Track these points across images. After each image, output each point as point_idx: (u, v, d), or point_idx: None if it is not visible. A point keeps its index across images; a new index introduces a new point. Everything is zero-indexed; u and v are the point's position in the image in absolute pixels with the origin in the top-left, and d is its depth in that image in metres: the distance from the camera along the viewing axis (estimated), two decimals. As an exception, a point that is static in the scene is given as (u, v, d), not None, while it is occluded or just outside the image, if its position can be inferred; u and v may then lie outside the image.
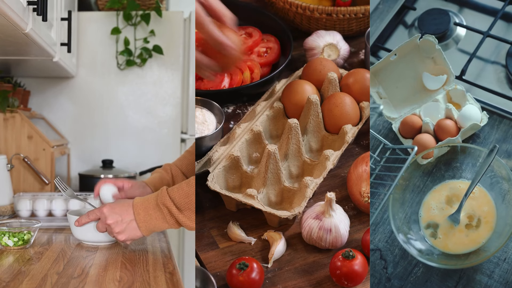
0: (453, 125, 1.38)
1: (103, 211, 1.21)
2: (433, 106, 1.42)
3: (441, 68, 1.42)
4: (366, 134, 1.46)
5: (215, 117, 1.46)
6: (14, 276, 1.03)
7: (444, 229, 1.25)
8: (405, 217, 1.26)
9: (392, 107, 1.45)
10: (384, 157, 1.38)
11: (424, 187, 1.31)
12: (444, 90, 1.42)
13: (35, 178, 1.90)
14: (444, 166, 1.31)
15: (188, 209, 1.16)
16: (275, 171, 1.30)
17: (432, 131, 1.39)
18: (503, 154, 1.35)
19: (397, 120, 1.44)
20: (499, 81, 1.46)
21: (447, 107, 1.40)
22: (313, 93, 1.46)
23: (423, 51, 1.42)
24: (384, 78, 1.45)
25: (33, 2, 1.25)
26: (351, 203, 1.33)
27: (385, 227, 1.31)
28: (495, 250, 1.15)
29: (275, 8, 1.73)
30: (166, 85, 2.36)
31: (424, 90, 1.44)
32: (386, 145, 1.38)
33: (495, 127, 1.40)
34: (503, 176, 1.22)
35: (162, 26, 2.32)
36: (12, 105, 1.95)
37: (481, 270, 1.21)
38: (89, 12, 2.36)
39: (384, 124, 1.47)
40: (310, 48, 1.62)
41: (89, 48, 2.33)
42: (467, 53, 1.52)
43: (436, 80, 1.43)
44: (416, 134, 1.40)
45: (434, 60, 1.42)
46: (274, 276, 1.19)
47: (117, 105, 2.36)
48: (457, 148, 1.29)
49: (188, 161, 1.49)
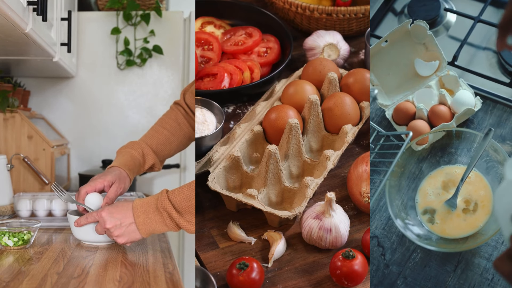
0: (447, 110, 1.38)
1: (101, 215, 1.20)
2: (426, 92, 1.42)
3: (433, 54, 1.41)
4: (366, 134, 1.46)
5: (215, 117, 1.46)
6: (14, 276, 1.03)
7: (441, 214, 1.26)
8: (401, 204, 1.27)
9: (384, 94, 1.45)
10: (378, 144, 1.37)
11: (419, 173, 1.31)
12: (436, 76, 1.42)
13: (35, 178, 1.90)
14: (439, 152, 1.32)
15: (189, 212, 1.16)
16: (275, 171, 1.30)
17: (426, 117, 1.39)
18: (498, 138, 1.35)
19: (390, 107, 1.43)
20: (491, 67, 1.46)
21: (441, 92, 1.39)
22: (313, 93, 1.46)
23: (414, 37, 1.41)
24: (376, 65, 1.44)
25: (33, 2, 1.25)
26: (351, 203, 1.33)
27: (381, 214, 1.31)
28: (492, 234, 1.15)
29: (275, 8, 1.73)
30: (166, 85, 2.36)
31: (417, 76, 1.44)
32: (380, 132, 1.38)
33: (488, 112, 1.40)
34: (499, 160, 1.23)
35: (162, 26, 2.32)
36: (12, 105, 1.95)
37: (480, 253, 1.22)
38: (89, 12, 2.36)
39: (377, 112, 1.47)
40: (310, 48, 1.62)
41: (89, 48, 2.33)
42: (458, 40, 1.51)
43: (428, 66, 1.42)
44: (410, 120, 1.40)
45: (426, 46, 1.41)
46: (274, 276, 1.19)
47: (117, 105, 2.36)
48: (452, 133, 1.29)
49: (158, 140, 1.44)
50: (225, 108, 1.55)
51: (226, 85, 1.53)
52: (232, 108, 1.55)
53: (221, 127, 1.42)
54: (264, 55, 1.62)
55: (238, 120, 1.51)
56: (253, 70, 1.57)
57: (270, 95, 1.54)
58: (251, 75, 1.56)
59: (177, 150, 1.50)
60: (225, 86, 1.53)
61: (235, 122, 1.52)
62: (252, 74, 1.56)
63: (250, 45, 1.61)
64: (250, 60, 1.59)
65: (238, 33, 1.66)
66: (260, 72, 1.58)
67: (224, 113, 1.48)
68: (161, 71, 2.35)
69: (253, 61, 1.58)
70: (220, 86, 1.52)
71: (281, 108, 1.41)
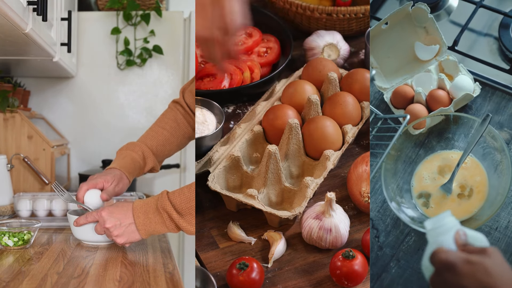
0: (445, 95, 1.37)
1: (101, 215, 1.20)
2: (426, 76, 1.42)
3: (434, 38, 1.41)
4: (366, 134, 1.46)
5: (215, 117, 1.46)
6: (14, 276, 1.03)
7: (436, 199, 1.26)
8: (397, 187, 1.27)
9: (383, 77, 1.44)
10: (376, 127, 1.37)
11: (416, 157, 1.31)
12: (436, 60, 1.42)
13: (35, 178, 1.90)
14: (436, 136, 1.31)
15: (189, 213, 1.16)
16: (275, 171, 1.30)
17: (424, 101, 1.38)
18: (496, 125, 1.35)
19: (389, 90, 1.43)
20: (492, 53, 1.46)
21: (440, 77, 1.39)
22: (313, 93, 1.46)
23: (415, 20, 1.41)
24: (376, 48, 1.43)
25: (33, 2, 1.25)
26: (351, 203, 1.33)
27: (376, 197, 1.31)
28: (486, 219, 1.16)
29: (275, 8, 1.73)
30: (166, 85, 2.36)
31: (416, 60, 1.43)
32: (378, 115, 1.38)
33: (487, 99, 1.40)
34: (496, 147, 1.23)
35: (162, 26, 2.32)
36: (12, 105, 1.95)
37: None
38: (89, 12, 2.36)
39: (375, 95, 1.46)
40: (310, 48, 1.62)
41: (89, 48, 2.33)
42: (459, 25, 1.50)
43: (429, 50, 1.42)
44: (408, 104, 1.39)
45: (426, 30, 1.41)
46: (274, 276, 1.19)
47: (117, 105, 2.36)
48: (450, 117, 1.29)
49: (158, 141, 1.45)
50: (225, 108, 1.55)
51: (226, 85, 1.53)
52: (232, 108, 1.55)
53: (221, 127, 1.42)
54: (264, 55, 1.62)
55: (238, 120, 1.51)
56: (253, 70, 1.57)
57: (270, 95, 1.54)
58: (251, 75, 1.56)
59: (176, 150, 1.50)
60: (225, 86, 1.53)
61: (235, 122, 1.52)
62: (252, 74, 1.56)
63: (250, 45, 1.61)
64: (250, 60, 1.59)
65: (238, 33, 1.66)
66: (260, 72, 1.58)
67: (224, 113, 1.48)
68: (161, 71, 2.35)
69: (253, 61, 1.58)
70: (220, 86, 1.52)
71: (281, 108, 1.41)
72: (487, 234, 1.22)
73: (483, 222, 1.16)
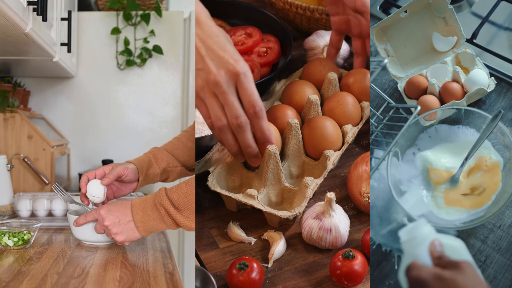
0: (459, 88, 1.36)
1: (100, 213, 1.21)
2: (441, 68, 1.40)
3: (452, 30, 1.40)
4: (366, 134, 1.46)
5: (215, 117, 1.46)
6: (14, 276, 1.03)
7: (441, 191, 1.26)
8: (403, 177, 1.26)
9: (399, 66, 1.43)
10: (387, 116, 1.37)
11: (424, 148, 1.31)
12: (453, 52, 1.40)
13: (35, 178, 1.90)
14: (446, 129, 1.30)
15: (187, 209, 1.16)
16: (275, 171, 1.30)
17: (437, 93, 1.37)
18: (508, 122, 1.33)
19: (403, 80, 1.42)
20: (511, 48, 1.43)
21: (455, 69, 1.38)
22: (313, 93, 1.46)
23: (434, 10, 1.40)
24: (393, 36, 1.42)
25: (33, 2, 1.25)
26: (351, 203, 1.33)
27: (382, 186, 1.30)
28: (489, 215, 1.16)
29: (275, 9, 1.73)
30: (166, 85, 2.36)
31: (433, 51, 1.42)
32: (390, 104, 1.37)
33: (502, 95, 1.37)
34: (506, 144, 1.22)
35: (162, 26, 2.32)
36: (12, 105, 1.95)
37: (475, 234, 1.22)
38: (89, 12, 2.36)
39: (390, 83, 1.46)
40: (310, 48, 1.62)
41: (89, 48, 2.33)
42: (480, 17, 1.48)
43: (446, 41, 1.41)
44: (421, 95, 1.38)
45: (446, 21, 1.40)
46: (274, 276, 1.19)
47: (117, 105, 2.36)
48: (461, 111, 1.28)
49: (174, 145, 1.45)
50: (225, 108, 1.55)
51: (226, 85, 1.53)
52: (232, 108, 1.55)
53: (221, 127, 1.42)
54: (264, 55, 1.62)
55: (238, 120, 1.51)
56: (253, 70, 1.57)
57: (270, 95, 1.54)
58: (251, 75, 1.56)
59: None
60: (225, 86, 1.52)
61: (235, 122, 1.52)
62: (252, 74, 1.56)
63: (250, 45, 1.61)
64: (250, 60, 1.59)
65: (238, 33, 1.66)
66: (260, 72, 1.58)
67: (224, 113, 1.48)
68: (161, 71, 2.35)
69: (253, 61, 1.58)
70: (220, 86, 1.52)
71: (281, 108, 1.41)
72: (490, 231, 1.23)
73: (487, 219, 1.16)
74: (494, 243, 1.21)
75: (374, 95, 1.46)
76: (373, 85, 1.37)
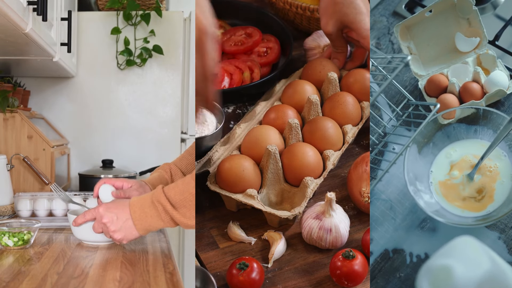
0: (479, 88, 1.38)
1: (98, 211, 1.21)
2: (462, 68, 1.43)
3: (475, 31, 1.42)
4: (366, 134, 1.46)
5: (215, 117, 1.46)
6: (14, 276, 1.03)
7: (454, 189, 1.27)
8: (418, 172, 1.28)
9: (421, 64, 1.46)
10: (406, 112, 1.40)
11: (441, 146, 1.33)
12: (475, 53, 1.43)
13: (35, 178, 1.90)
14: (464, 128, 1.32)
15: (184, 206, 1.16)
16: (275, 171, 1.30)
17: (457, 92, 1.40)
18: None
19: (424, 78, 1.45)
20: None
21: (476, 70, 1.40)
22: (313, 93, 1.46)
23: (459, 11, 1.42)
24: (417, 34, 1.45)
25: (33, 2, 1.25)
26: (351, 203, 1.33)
27: (398, 181, 1.33)
28: (501, 215, 1.16)
29: (275, 9, 1.73)
30: (166, 85, 2.36)
31: (455, 51, 1.45)
32: (410, 101, 1.40)
33: None
34: None
35: (162, 26, 2.32)
36: (12, 105, 1.95)
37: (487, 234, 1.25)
38: (89, 12, 2.36)
39: (411, 81, 1.49)
40: (310, 48, 1.62)
41: (89, 48, 2.33)
42: (504, 20, 1.51)
43: (469, 42, 1.43)
44: (441, 93, 1.41)
45: (469, 22, 1.42)
46: (274, 276, 1.19)
47: (117, 105, 2.36)
48: (480, 111, 1.29)
49: (187, 161, 1.48)
50: (225, 108, 1.55)
51: (226, 85, 1.53)
52: (232, 108, 1.55)
53: (221, 127, 1.42)
54: (264, 55, 1.62)
55: (238, 120, 1.51)
56: (253, 70, 1.57)
57: (270, 95, 1.54)
58: (251, 75, 1.56)
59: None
60: (225, 86, 1.53)
61: (235, 122, 1.52)
62: (252, 74, 1.56)
63: (250, 45, 1.61)
64: (250, 60, 1.59)
65: (238, 33, 1.66)
66: (260, 72, 1.58)
67: (224, 113, 1.48)
68: (161, 71, 2.35)
69: (253, 61, 1.58)
70: (220, 86, 1.52)
71: (281, 108, 1.41)
72: (501, 231, 1.24)
73: (498, 219, 1.17)
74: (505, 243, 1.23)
75: (395, 91, 1.48)
76: (394, 82, 1.39)
